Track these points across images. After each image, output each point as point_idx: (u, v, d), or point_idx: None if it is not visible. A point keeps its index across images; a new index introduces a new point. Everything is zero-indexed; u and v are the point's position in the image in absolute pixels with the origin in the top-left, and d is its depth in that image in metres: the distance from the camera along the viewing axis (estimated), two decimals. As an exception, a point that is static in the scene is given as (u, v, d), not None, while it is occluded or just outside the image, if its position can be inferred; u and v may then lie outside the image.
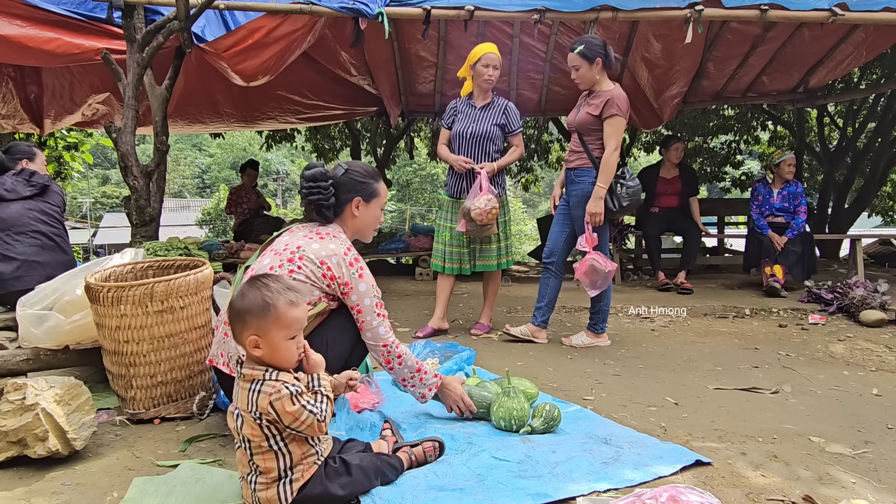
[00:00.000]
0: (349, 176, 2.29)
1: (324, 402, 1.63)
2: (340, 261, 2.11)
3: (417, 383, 2.32)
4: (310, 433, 1.63)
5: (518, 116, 3.94)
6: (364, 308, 2.15)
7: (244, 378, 1.63)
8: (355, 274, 2.13)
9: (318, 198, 2.20)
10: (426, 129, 11.62)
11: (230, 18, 4.52)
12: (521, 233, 25.50)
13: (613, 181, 3.57)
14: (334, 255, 2.11)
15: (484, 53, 3.83)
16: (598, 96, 3.56)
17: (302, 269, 2.08)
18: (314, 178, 2.21)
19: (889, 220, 14.00)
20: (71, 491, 1.89)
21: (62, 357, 2.77)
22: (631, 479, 1.87)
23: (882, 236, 8.51)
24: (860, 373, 3.27)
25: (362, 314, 2.16)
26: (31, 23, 3.99)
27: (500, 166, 3.89)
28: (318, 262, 2.09)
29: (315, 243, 2.14)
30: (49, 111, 5.94)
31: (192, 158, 42.87)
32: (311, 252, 2.11)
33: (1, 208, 3.34)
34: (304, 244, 2.14)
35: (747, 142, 12.66)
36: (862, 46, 5.80)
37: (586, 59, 3.52)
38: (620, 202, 3.57)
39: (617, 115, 3.48)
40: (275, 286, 1.65)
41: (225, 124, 7.08)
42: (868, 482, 1.93)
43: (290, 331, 1.62)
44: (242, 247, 6.23)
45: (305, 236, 2.18)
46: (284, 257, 2.11)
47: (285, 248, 2.14)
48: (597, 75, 3.56)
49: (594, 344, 3.73)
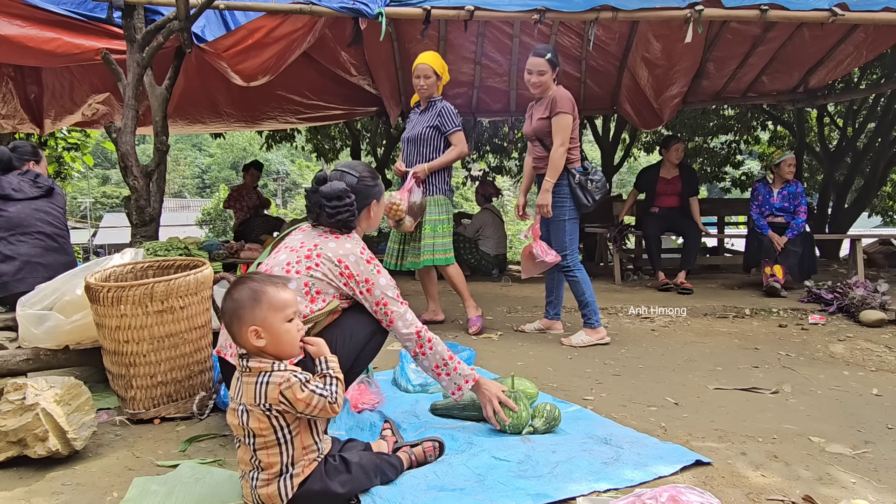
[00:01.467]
0: (363, 183, 2.27)
1: (333, 384, 1.66)
2: (358, 259, 2.11)
3: (452, 372, 2.22)
4: (324, 416, 1.65)
5: (453, 116, 3.99)
6: (389, 300, 2.15)
7: (250, 372, 1.64)
8: (373, 270, 2.14)
9: (348, 215, 2.16)
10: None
11: (230, 18, 4.52)
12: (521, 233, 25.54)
13: (583, 178, 3.70)
14: (351, 254, 2.11)
15: (416, 65, 3.98)
16: (544, 100, 3.71)
17: (320, 266, 2.07)
18: (339, 197, 2.14)
19: (889, 220, 14.01)
20: (71, 491, 1.89)
21: (62, 357, 2.77)
22: (631, 479, 1.87)
23: (882, 236, 8.50)
24: (860, 373, 3.27)
25: (388, 305, 2.15)
26: (31, 23, 3.99)
27: (431, 167, 3.97)
28: (335, 261, 2.09)
29: (331, 242, 2.14)
30: (49, 111, 5.94)
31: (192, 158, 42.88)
32: (329, 251, 2.11)
33: (7, 207, 3.34)
34: (321, 243, 2.13)
35: (747, 142, 12.67)
36: (862, 46, 5.80)
37: (552, 66, 3.66)
38: (593, 196, 3.73)
39: (562, 112, 3.59)
40: (257, 277, 1.71)
41: (225, 124, 7.09)
42: (868, 482, 1.93)
43: (285, 312, 1.66)
44: (242, 247, 6.23)
45: (320, 235, 2.17)
46: (302, 254, 2.10)
47: (301, 246, 2.14)
48: (552, 82, 3.71)
49: (594, 342, 3.75)
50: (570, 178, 3.70)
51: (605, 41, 6.08)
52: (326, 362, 1.72)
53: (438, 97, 4.04)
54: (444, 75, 4.04)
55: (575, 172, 3.71)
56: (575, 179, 3.69)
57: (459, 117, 4.00)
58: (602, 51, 6.23)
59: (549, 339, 3.92)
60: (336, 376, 1.69)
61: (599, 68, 6.61)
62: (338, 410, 1.66)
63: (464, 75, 6.75)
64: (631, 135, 12.15)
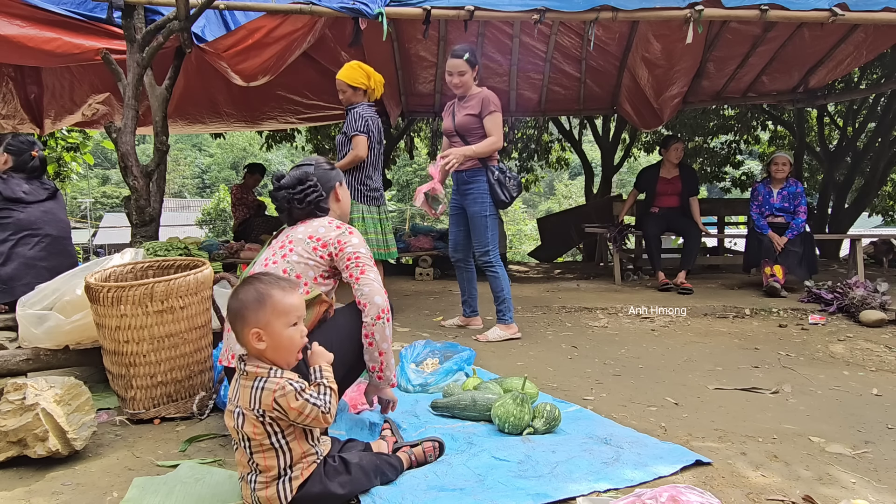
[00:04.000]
0: (321, 168, 2.38)
1: (328, 394, 1.65)
2: (327, 228, 2.21)
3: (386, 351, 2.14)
4: (316, 426, 1.64)
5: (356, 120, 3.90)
6: (361, 255, 2.17)
7: (247, 375, 1.64)
8: (344, 232, 2.20)
9: (316, 195, 2.28)
10: (426, 129, 11.63)
11: (230, 18, 4.52)
12: (521, 233, 25.51)
13: (501, 175, 3.83)
14: (321, 227, 2.21)
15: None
16: (471, 98, 3.84)
17: (293, 250, 2.16)
18: (300, 181, 2.27)
19: (889, 219, 14.01)
20: (71, 491, 1.89)
21: (62, 357, 2.77)
22: (631, 479, 1.87)
23: (882, 236, 8.50)
24: (860, 373, 3.27)
25: (360, 259, 2.15)
26: (31, 23, 3.99)
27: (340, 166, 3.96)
28: (306, 238, 2.18)
29: (300, 227, 2.25)
30: (49, 111, 5.94)
31: (192, 158, 42.88)
32: (299, 233, 2.21)
33: (19, 209, 3.33)
34: (291, 232, 2.24)
35: (747, 142, 12.67)
36: (862, 46, 5.80)
37: (471, 66, 3.79)
38: (511, 193, 3.86)
39: (495, 112, 3.78)
40: (265, 279, 1.71)
41: (225, 124, 7.08)
42: (868, 482, 1.93)
43: (289, 317, 1.65)
44: (242, 247, 6.23)
45: (293, 228, 2.28)
46: (276, 247, 2.22)
47: (281, 246, 2.22)
48: (473, 80, 3.83)
49: (508, 337, 3.85)
50: (489, 174, 3.81)
51: (605, 41, 6.08)
52: (321, 371, 1.69)
53: (358, 103, 3.96)
54: (366, 83, 3.94)
55: (494, 169, 3.83)
56: (494, 176, 3.81)
57: (366, 123, 3.91)
58: (602, 51, 6.24)
59: (548, 339, 3.92)
60: (330, 386, 1.67)
61: (599, 68, 6.62)
62: (330, 421, 1.65)
63: (464, 75, 6.74)
64: (631, 135, 12.15)
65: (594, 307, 4.80)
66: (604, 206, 9.02)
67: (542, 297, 5.44)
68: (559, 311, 4.73)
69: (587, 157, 12.68)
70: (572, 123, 12.29)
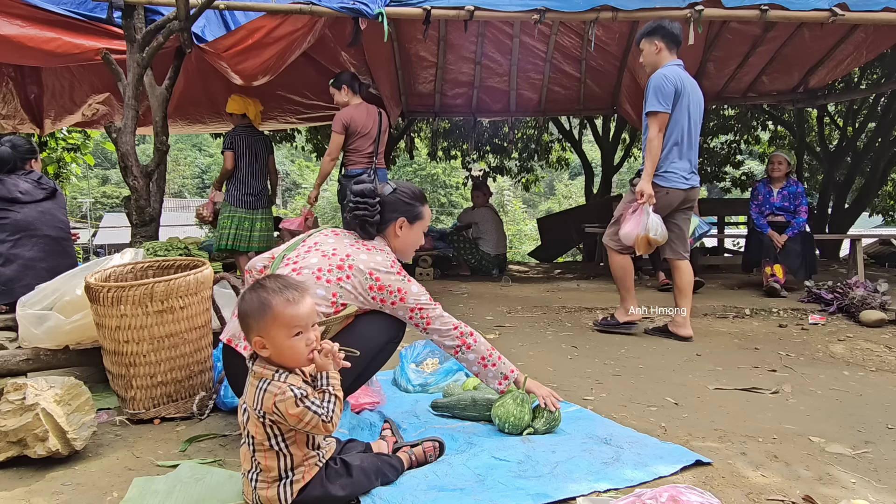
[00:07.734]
0: (396, 196, 2.29)
1: (331, 402, 1.62)
2: (388, 271, 2.14)
3: (497, 361, 2.26)
4: (316, 433, 1.63)
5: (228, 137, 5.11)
6: (423, 305, 2.17)
7: (254, 375, 1.63)
8: (404, 280, 2.16)
9: (364, 214, 2.22)
10: (426, 129, 11.61)
11: (230, 18, 4.52)
12: (521, 233, 25.47)
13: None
14: (382, 266, 2.13)
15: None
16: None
17: (350, 278, 2.08)
18: (362, 194, 2.23)
19: (889, 219, 14.01)
20: (71, 491, 1.89)
21: (62, 357, 2.77)
22: (631, 479, 1.87)
23: (882, 236, 8.50)
24: (860, 373, 3.26)
25: (424, 310, 2.17)
26: (31, 23, 3.99)
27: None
28: (367, 273, 2.10)
29: (363, 254, 2.15)
30: (49, 111, 5.94)
31: (192, 158, 42.85)
32: (360, 262, 2.11)
33: (15, 210, 3.32)
34: (353, 253, 2.14)
35: (747, 142, 12.66)
36: (862, 46, 5.81)
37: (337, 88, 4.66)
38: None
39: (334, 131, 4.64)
40: (272, 286, 1.64)
41: (225, 124, 7.08)
42: (868, 482, 1.93)
43: (290, 329, 1.60)
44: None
45: (352, 245, 2.18)
46: (334, 263, 2.10)
47: (334, 253, 2.13)
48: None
49: None
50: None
51: (605, 41, 6.08)
52: (328, 378, 1.66)
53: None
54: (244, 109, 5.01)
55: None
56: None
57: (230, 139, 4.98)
58: (602, 51, 6.24)
59: (548, 339, 3.92)
60: (335, 394, 1.64)
61: (599, 68, 6.62)
62: (331, 429, 1.61)
63: (464, 75, 6.75)
64: (631, 135, 12.15)
65: (594, 307, 4.80)
66: (604, 206, 9.02)
67: (542, 297, 5.44)
68: (559, 311, 4.72)
69: (587, 157, 12.69)
70: (572, 123, 12.29)
